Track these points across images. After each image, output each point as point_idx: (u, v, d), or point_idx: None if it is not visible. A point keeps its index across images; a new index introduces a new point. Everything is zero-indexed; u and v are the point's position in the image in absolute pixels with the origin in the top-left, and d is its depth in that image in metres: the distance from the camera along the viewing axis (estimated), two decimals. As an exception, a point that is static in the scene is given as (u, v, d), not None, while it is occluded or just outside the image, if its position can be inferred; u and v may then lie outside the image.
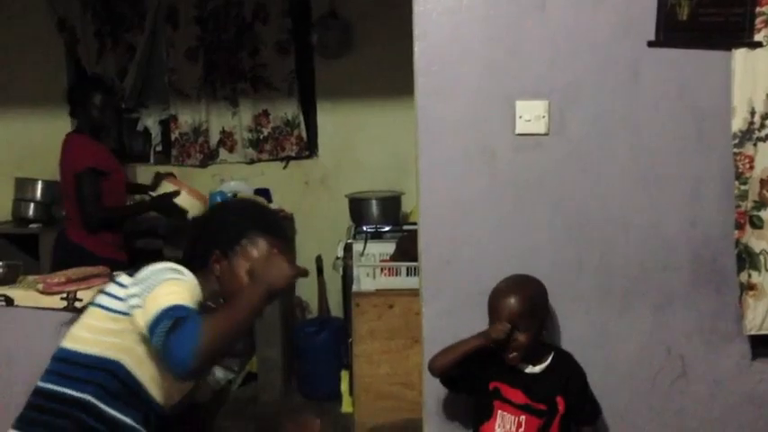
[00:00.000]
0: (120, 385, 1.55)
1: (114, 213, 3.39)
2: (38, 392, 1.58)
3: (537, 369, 2.03)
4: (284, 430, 1.92)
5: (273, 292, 1.54)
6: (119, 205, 3.43)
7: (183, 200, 3.40)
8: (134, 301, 1.53)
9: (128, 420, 1.56)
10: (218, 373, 3.77)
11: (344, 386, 3.64)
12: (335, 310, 4.21)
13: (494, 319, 2.00)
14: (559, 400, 2.00)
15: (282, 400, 3.84)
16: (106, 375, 1.54)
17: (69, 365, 1.56)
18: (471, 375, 2.06)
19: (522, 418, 1.99)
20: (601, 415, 2.12)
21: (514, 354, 1.99)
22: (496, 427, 2.02)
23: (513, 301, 1.97)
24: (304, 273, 1.62)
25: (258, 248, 1.68)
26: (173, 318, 1.43)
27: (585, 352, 2.15)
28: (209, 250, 1.68)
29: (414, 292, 2.65)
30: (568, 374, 2.05)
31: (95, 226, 3.27)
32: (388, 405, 3.19)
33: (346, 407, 3.61)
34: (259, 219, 1.75)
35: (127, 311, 1.54)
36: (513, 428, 1.99)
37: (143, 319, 1.48)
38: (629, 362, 2.17)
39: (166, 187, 3.44)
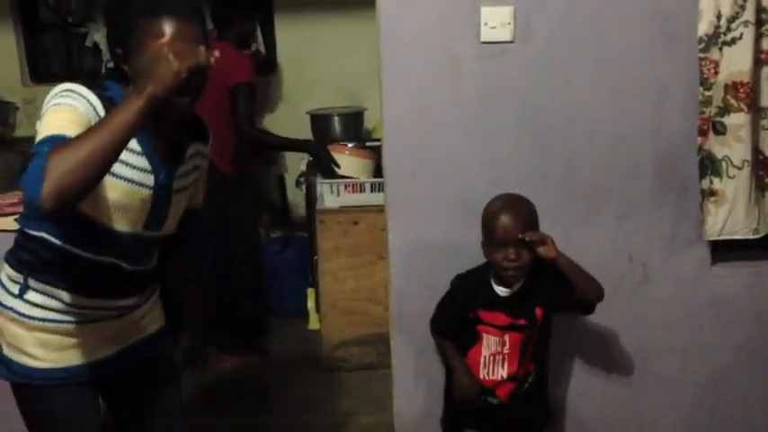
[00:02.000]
0: (70, 222, 1.48)
1: (273, 140, 3.40)
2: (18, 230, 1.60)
3: (515, 288, 2.02)
4: None
5: (157, 97, 1.29)
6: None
7: (349, 164, 3.24)
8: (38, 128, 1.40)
9: (81, 252, 1.51)
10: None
11: (311, 303, 3.67)
12: (300, 228, 4.20)
13: (497, 240, 1.94)
14: (538, 310, 2.01)
15: (249, 319, 3.86)
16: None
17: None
18: (457, 319, 2.06)
19: (507, 336, 2.00)
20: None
21: (516, 273, 1.96)
22: (483, 349, 2.03)
23: (513, 222, 1.93)
24: (204, 62, 1.34)
25: (154, 33, 1.43)
26: (35, 153, 1.29)
27: (550, 261, 2.18)
28: (113, 51, 1.50)
29: (378, 209, 2.65)
30: (542, 278, 2.02)
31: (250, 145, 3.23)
32: (355, 320, 3.23)
33: (313, 324, 3.65)
34: (151, 1, 1.48)
35: None
36: (499, 348, 2.01)
37: None
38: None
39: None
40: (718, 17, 2.02)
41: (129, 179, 1.48)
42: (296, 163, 3.91)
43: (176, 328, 1.89)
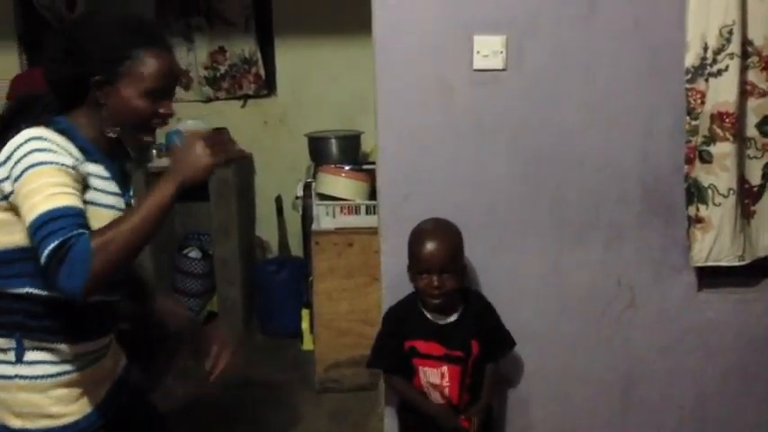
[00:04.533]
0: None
1: None
2: None
3: (451, 318, 2.04)
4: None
5: (189, 186, 1.37)
6: None
7: (346, 186, 3.25)
8: (6, 187, 1.37)
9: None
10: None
11: (305, 324, 3.68)
12: (295, 249, 4.22)
13: (421, 267, 1.97)
14: (473, 343, 2.02)
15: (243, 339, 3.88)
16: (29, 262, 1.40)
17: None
18: (395, 351, 2.07)
19: (444, 368, 2.01)
20: (515, 346, 2.14)
21: (440, 300, 1.98)
22: (422, 381, 2.04)
23: (436, 247, 1.95)
24: (234, 157, 1.43)
25: (146, 66, 1.44)
26: (56, 235, 1.27)
27: (538, 284, 2.21)
28: (86, 78, 1.44)
29: (373, 231, 2.67)
30: (480, 316, 2.07)
31: None
32: (348, 342, 3.24)
33: (307, 344, 3.66)
34: (138, 30, 1.48)
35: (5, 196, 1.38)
36: (438, 380, 2.02)
37: (24, 217, 1.33)
38: (581, 293, 2.23)
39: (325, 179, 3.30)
40: (705, 49, 2.07)
41: (110, 206, 1.47)
42: (292, 185, 3.95)
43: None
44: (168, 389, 3.24)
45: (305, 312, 3.67)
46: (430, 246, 1.97)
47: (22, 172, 1.33)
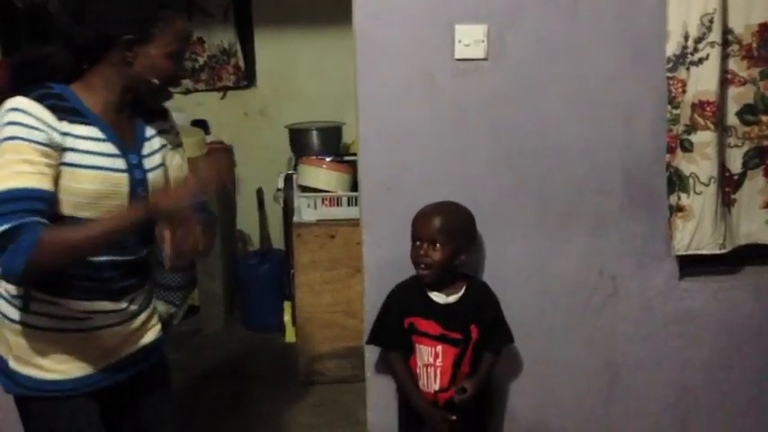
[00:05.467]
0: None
1: None
2: None
3: (451, 299, 2.05)
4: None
5: (156, 216, 1.47)
6: None
7: (327, 178, 3.22)
8: None
9: None
10: (160, 306, 3.73)
11: (287, 317, 3.66)
12: (277, 241, 4.20)
13: (413, 234, 2.03)
14: (473, 328, 2.03)
15: (226, 332, 3.85)
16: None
17: None
18: (394, 328, 2.08)
19: (439, 348, 2.02)
20: (512, 343, 2.16)
21: (426, 271, 2.01)
22: (417, 360, 2.05)
23: (431, 218, 2.01)
24: (207, 188, 1.51)
25: (175, 28, 1.50)
26: (11, 217, 1.33)
27: (522, 275, 2.21)
28: (113, 38, 1.47)
29: (355, 222, 2.66)
30: (482, 303, 2.09)
31: None
32: (331, 334, 3.23)
33: (289, 337, 3.65)
34: None
35: None
36: (431, 359, 2.03)
37: None
38: (564, 284, 2.23)
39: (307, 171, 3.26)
40: (686, 38, 2.07)
41: (100, 167, 1.49)
42: (273, 177, 3.92)
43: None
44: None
45: (287, 305, 3.66)
46: (424, 215, 2.03)
47: None
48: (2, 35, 3.99)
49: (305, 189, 3.27)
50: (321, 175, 3.25)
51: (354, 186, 3.17)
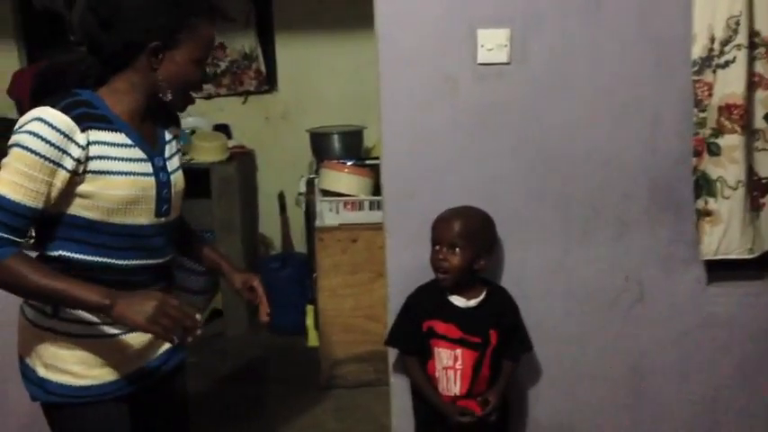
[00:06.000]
0: (87, 233, 1.50)
1: None
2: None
3: (471, 303, 2.04)
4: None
5: (107, 314, 1.42)
6: None
7: (349, 182, 3.22)
8: None
9: (103, 259, 1.52)
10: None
11: (309, 321, 3.67)
12: (299, 245, 4.21)
13: (432, 238, 2.03)
14: (492, 333, 2.02)
15: (248, 336, 3.87)
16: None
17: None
18: (413, 331, 2.07)
19: (458, 351, 2.01)
20: (531, 351, 2.15)
21: (445, 276, 2.00)
22: (436, 363, 2.04)
23: (450, 222, 2.01)
24: (171, 342, 1.45)
25: (201, 34, 1.51)
26: None
27: (546, 279, 2.20)
28: (140, 44, 1.47)
29: (377, 226, 2.66)
30: (502, 308, 2.08)
31: None
32: (353, 338, 3.24)
33: (312, 341, 3.65)
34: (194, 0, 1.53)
35: None
36: (451, 362, 2.02)
37: None
38: (588, 288, 2.21)
39: (329, 175, 3.27)
40: (712, 40, 2.05)
41: (130, 172, 1.51)
42: (295, 180, 3.93)
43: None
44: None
45: (309, 309, 3.67)
46: (445, 219, 2.03)
47: (11, 145, 1.41)
48: (24, 41, 4.07)
49: (327, 193, 3.27)
50: (343, 179, 3.25)
51: (376, 190, 3.17)
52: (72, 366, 1.55)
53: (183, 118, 4.14)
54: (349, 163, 3.35)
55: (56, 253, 1.50)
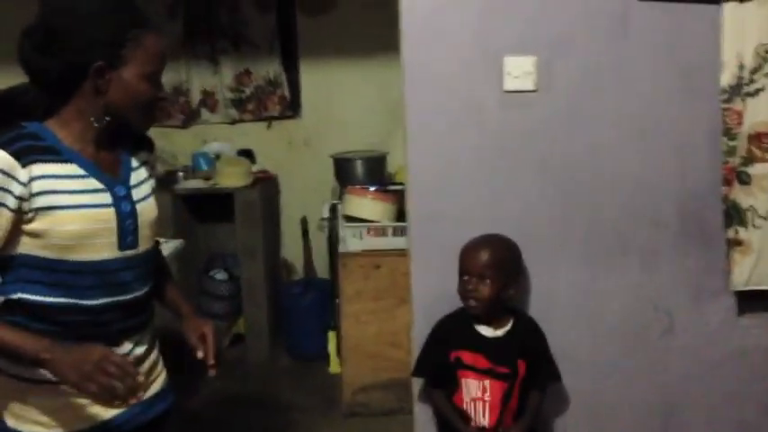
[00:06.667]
0: (43, 273, 1.42)
1: None
2: None
3: (499, 333, 2.02)
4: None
5: (47, 367, 1.34)
6: None
7: (372, 208, 3.23)
8: None
9: (62, 300, 1.43)
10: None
11: (332, 347, 3.65)
12: (321, 271, 4.20)
13: (461, 269, 2.01)
14: (521, 363, 2.00)
15: (270, 361, 3.85)
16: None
17: None
18: (440, 361, 2.05)
19: (487, 382, 1.99)
20: (560, 382, 2.12)
21: (475, 304, 1.98)
22: (464, 395, 2.02)
23: (478, 252, 1.99)
24: (100, 400, 1.35)
25: (147, 48, 1.41)
26: None
27: (572, 308, 2.17)
28: (82, 67, 1.38)
29: (400, 253, 2.65)
30: (530, 338, 2.05)
31: None
32: (376, 365, 3.21)
33: (334, 367, 3.63)
34: (132, 11, 1.44)
35: None
36: (479, 393, 2.00)
37: None
38: (616, 318, 2.18)
39: (352, 201, 3.28)
40: (741, 68, 2.03)
41: (83, 205, 1.41)
42: (317, 206, 3.94)
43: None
44: (193, 410, 3.22)
45: (331, 335, 3.65)
46: (473, 249, 2.01)
47: None
48: None
49: (350, 219, 3.27)
50: (366, 205, 3.25)
51: (399, 216, 3.16)
52: (38, 416, 1.46)
53: (208, 143, 4.22)
54: (372, 188, 3.35)
55: (15, 296, 1.42)
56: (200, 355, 1.59)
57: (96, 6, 1.41)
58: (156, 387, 1.62)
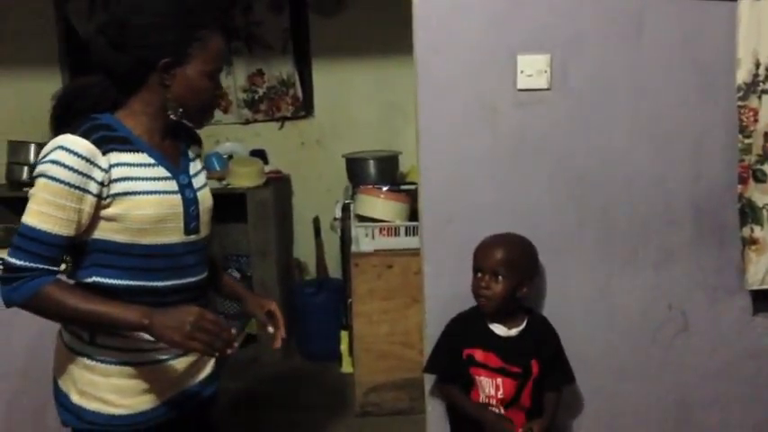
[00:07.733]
0: (118, 257, 1.51)
1: None
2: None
3: (512, 332, 2.01)
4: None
5: (149, 332, 1.43)
6: None
7: (384, 207, 3.24)
8: None
9: (136, 282, 1.52)
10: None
11: (344, 346, 3.65)
12: (333, 270, 4.21)
13: (474, 265, 2.01)
14: (534, 363, 1.99)
15: (282, 361, 3.86)
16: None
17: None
18: (452, 358, 2.05)
19: (499, 380, 1.98)
20: (573, 383, 2.11)
21: (486, 301, 1.98)
22: (479, 393, 2.01)
23: (493, 249, 1.99)
24: (208, 355, 1.47)
25: (211, 47, 1.51)
26: (25, 257, 1.40)
27: (587, 308, 2.16)
28: (152, 62, 1.47)
29: (412, 252, 2.65)
30: (543, 338, 2.05)
31: None
32: (388, 365, 3.21)
33: (346, 367, 3.63)
34: (202, 10, 1.52)
35: None
36: (493, 391, 1.99)
37: None
38: (631, 318, 2.17)
39: (364, 200, 3.29)
40: (757, 65, 2.01)
41: (156, 191, 1.51)
42: (330, 206, 3.94)
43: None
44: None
45: (344, 334, 3.65)
46: (487, 246, 2.01)
47: (36, 176, 1.43)
48: (68, 69, 4.16)
49: (362, 218, 3.27)
50: (379, 204, 3.25)
51: (412, 216, 3.16)
52: (106, 395, 1.54)
53: (221, 143, 4.23)
54: (384, 188, 3.34)
55: (89, 280, 1.51)
56: (270, 330, 1.79)
57: (169, 7, 1.50)
58: (207, 370, 1.70)
